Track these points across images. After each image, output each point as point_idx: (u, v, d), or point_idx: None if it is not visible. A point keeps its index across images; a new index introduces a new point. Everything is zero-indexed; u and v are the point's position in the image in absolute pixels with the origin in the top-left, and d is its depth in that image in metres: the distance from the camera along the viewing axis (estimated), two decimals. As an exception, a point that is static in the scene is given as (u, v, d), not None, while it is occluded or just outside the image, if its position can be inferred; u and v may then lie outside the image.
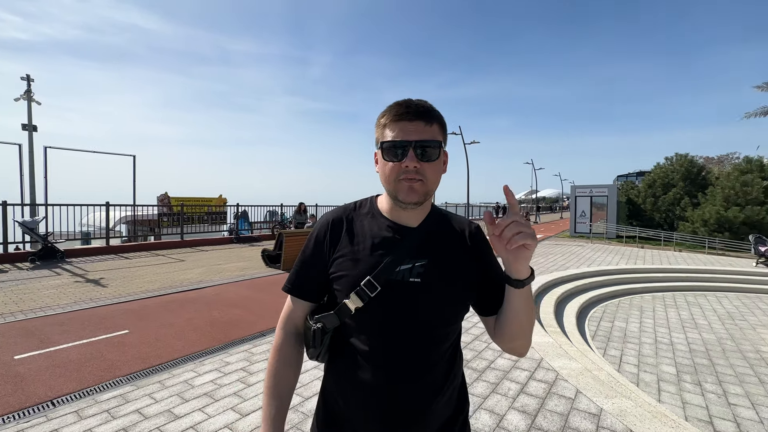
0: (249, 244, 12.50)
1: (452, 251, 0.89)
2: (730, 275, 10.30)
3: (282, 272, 8.11)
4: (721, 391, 4.09)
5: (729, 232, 16.36)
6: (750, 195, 16.45)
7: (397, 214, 0.89)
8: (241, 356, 3.71)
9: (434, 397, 0.84)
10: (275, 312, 5.19)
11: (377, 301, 0.82)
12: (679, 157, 21.92)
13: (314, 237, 0.92)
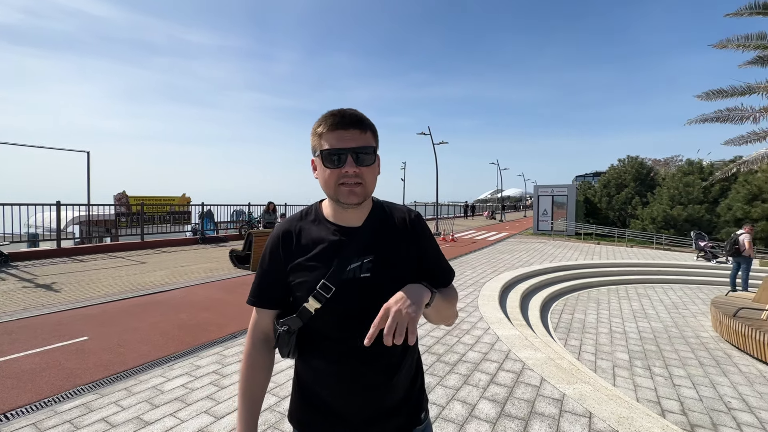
0: (215, 245, 12.09)
1: (396, 243, 0.97)
2: (674, 268, 11.21)
3: (251, 272, 7.93)
4: (667, 374, 4.48)
5: (674, 228, 17.77)
6: (691, 195, 17.94)
7: (340, 217, 0.96)
8: (213, 359, 3.63)
9: (393, 373, 0.94)
10: (246, 313, 5.08)
11: (334, 300, 0.89)
12: (630, 159, 23.49)
13: (268, 251, 0.98)
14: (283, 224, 1.00)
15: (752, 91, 5.90)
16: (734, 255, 8.48)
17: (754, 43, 5.47)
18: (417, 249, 0.99)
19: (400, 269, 0.94)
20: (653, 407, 3.67)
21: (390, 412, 0.95)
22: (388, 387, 0.94)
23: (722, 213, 16.78)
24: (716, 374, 4.52)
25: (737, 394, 4.02)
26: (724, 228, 16.12)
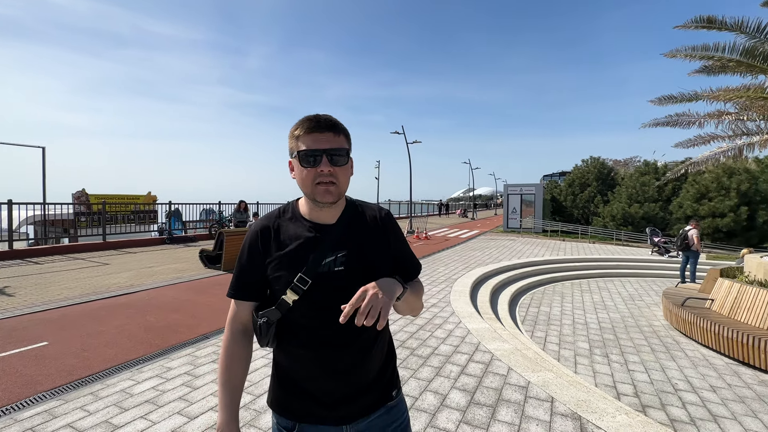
0: (184, 245, 11.71)
1: (367, 239, 1.04)
2: (631, 262, 11.95)
3: (223, 273, 7.77)
4: (623, 360, 4.81)
5: (632, 225, 18.87)
6: (647, 193, 19.12)
7: (316, 215, 1.03)
8: (185, 360, 3.56)
9: (366, 357, 1.02)
10: (218, 314, 5.02)
11: (310, 292, 0.96)
12: (593, 160, 24.70)
13: (247, 245, 1.04)
14: (261, 221, 1.06)
15: (698, 98, 6.41)
16: (684, 249, 9.15)
17: (699, 53, 5.96)
18: (387, 244, 1.07)
19: (371, 263, 1.01)
20: (610, 391, 3.94)
21: (362, 390, 1.02)
22: (362, 369, 1.02)
23: (674, 211, 18.00)
24: (666, 359, 4.90)
25: (683, 376, 4.39)
26: (675, 225, 17.31)
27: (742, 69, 5.81)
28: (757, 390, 4.11)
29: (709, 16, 5.77)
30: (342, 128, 1.00)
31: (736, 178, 15.90)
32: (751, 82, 5.87)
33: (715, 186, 16.15)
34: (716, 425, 3.35)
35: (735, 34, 5.78)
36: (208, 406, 2.76)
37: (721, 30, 5.87)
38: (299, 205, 1.06)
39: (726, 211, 15.51)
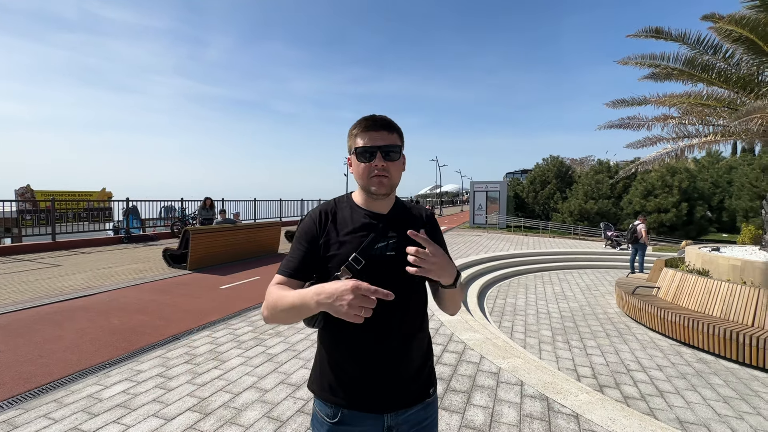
0: (143, 244, 11.13)
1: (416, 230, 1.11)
2: (588, 255, 12.76)
3: (189, 272, 7.50)
4: (582, 345, 5.18)
5: (587, 220, 20.09)
6: (601, 191, 20.41)
7: (370, 205, 1.11)
8: (155, 362, 3.44)
9: (410, 343, 1.07)
10: (187, 314, 4.86)
11: (363, 273, 1.01)
12: (552, 159, 25.97)
13: (305, 227, 1.10)
14: (319, 207, 1.14)
15: (647, 102, 6.96)
16: (633, 242, 9.91)
17: (648, 62, 6.48)
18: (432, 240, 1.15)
19: None
20: (571, 374, 4.25)
21: (406, 381, 1.06)
22: (405, 358, 1.06)
23: (625, 206, 19.35)
24: (619, 343, 5.33)
25: (634, 357, 4.80)
26: (626, 219, 18.63)
27: (684, 77, 6.38)
28: (696, 367, 4.59)
29: (657, 28, 6.28)
30: (395, 127, 1.08)
31: (677, 177, 17.35)
32: (692, 89, 6.47)
33: (660, 184, 17.54)
34: (662, 400, 3.71)
35: (679, 44, 6.33)
36: (185, 406, 2.71)
37: (667, 40, 6.41)
38: (354, 196, 1.15)
39: (669, 207, 16.90)
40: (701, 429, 3.24)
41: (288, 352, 3.75)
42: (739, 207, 16.69)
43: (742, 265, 5.48)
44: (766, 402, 3.76)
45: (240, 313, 5.01)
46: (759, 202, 15.55)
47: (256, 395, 2.88)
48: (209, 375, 3.21)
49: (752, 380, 4.25)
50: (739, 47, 5.45)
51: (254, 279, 7.16)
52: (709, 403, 3.68)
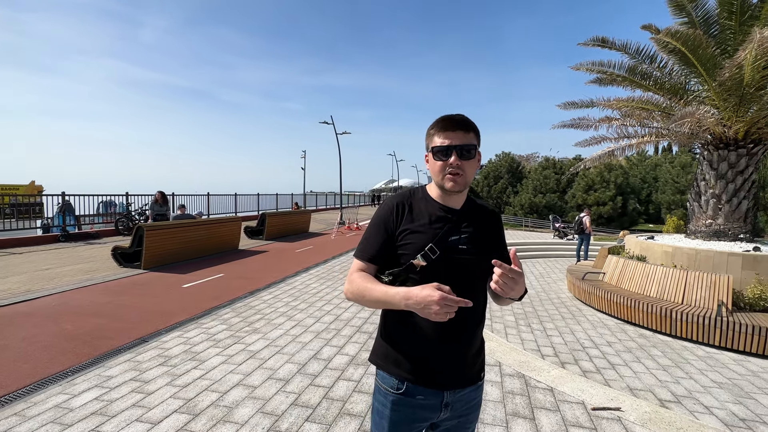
0: (84, 243, 10.18)
1: (485, 227, 1.20)
2: (539, 246, 13.70)
3: (144, 271, 7.02)
4: (542, 328, 5.62)
5: (536, 213, 21.49)
6: (548, 185, 21.90)
7: (445, 199, 1.17)
8: (126, 367, 3.24)
9: (473, 329, 1.15)
10: (151, 315, 4.59)
11: (438, 261, 1.08)
12: (504, 155, 27.37)
13: (382, 216, 1.16)
14: (395, 197, 1.19)
15: (594, 105, 7.63)
16: (579, 233, 10.82)
17: (596, 68, 7.10)
18: (498, 237, 1.23)
19: (486, 246, 1.16)
20: (536, 354, 4.61)
21: (466, 363, 1.14)
22: (468, 342, 1.14)
23: (569, 200, 20.96)
24: (573, 324, 5.85)
25: (587, 336, 5.30)
26: (570, 212, 20.19)
27: (626, 83, 7.07)
28: (638, 341, 5.17)
29: (603, 37, 6.89)
30: (472, 126, 1.13)
31: (614, 173, 19.11)
32: (632, 94, 7.19)
33: (599, 179, 19.21)
34: (614, 371, 4.16)
35: (621, 53, 7.00)
36: (171, 408, 2.60)
37: (612, 49, 7.05)
38: (429, 189, 1.20)
39: (607, 200, 18.60)
40: (647, 394, 3.68)
41: (270, 348, 3.70)
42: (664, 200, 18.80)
43: (672, 251, 6.24)
44: (695, 368, 4.35)
45: (210, 312, 4.82)
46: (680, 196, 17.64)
47: (245, 392, 2.84)
48: (190, 376, 3.09)
49: (683, 350, 4.89)
50: (673, 58, 6.16)
51: (218, 276, 6.88)
52: (651, 372, 4.18)
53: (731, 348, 4.86)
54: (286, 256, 9.36)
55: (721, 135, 6.21)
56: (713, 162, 6.41)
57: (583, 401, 2.75)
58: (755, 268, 5.44)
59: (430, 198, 1.18)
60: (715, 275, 5.43)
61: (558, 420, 2.53)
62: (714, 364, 4.48)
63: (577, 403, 2.73)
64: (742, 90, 5.57)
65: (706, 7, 6.22)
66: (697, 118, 5.48)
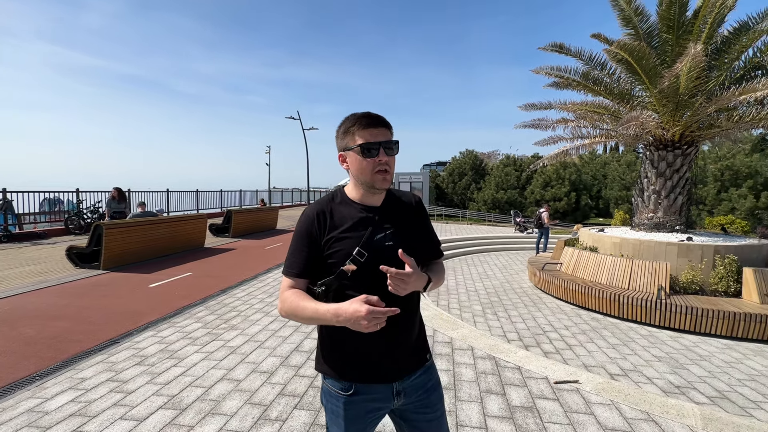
0: (31, 243, 9.44)
1: (407, 218, 1.24)
2: (501, 239, 14.39)
3: (104, 272, 6.68)
4: (507, 315, 6.01)
5: (499, 209, 22.44)
6: (509, 182, 22.92)
7: (366, 199, 1.19)
8: (100, 368, 3.16)
9: (411, 319, 1.21)
10: (117, 316, 4.44)
11: (368, 264, 1.09)
12: (468, 152, 28.22)
13: (305, 228, 1.16)
14: (314, 206, 1.18)
15: (552, 107, 8.17)
16: (538, 227, 11.51)
17: (554, 72, 7.61)
18: (422, 225, 1.28)
19: (412, 239, 1.21)
20: (502, 338, 4.95)
21: (408, 351, 1.20)
22: (408, 332, 1.19)
23: (528, 196, 22.08)
24: (534, 311, 6.30)
25: (547, 321, 5.75)
26: (530, 207, 21.28)
27: (579, 87, 7.64)
28: (592, 324, 5.69)
29: (560, 44, 7.41)
30: (389, 124, 1.16)
31: (568, 171, 20.38)
32: (585, 98, 7.78)
33: (555, 176, 20.40)
34: (571, 351, 4.58)
35: (576, 59, 7.55)
36: (156, 405, 2.60)
37: (568, 55, 7.59)
38: (348, 191, 1.21)
39: (562, 196, 19.81)
40: (600, 370, 4.11)
41: (250, 343, 3.73)
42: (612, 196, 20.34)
43: (620, 242, 6.87)
44: (639, 345, 4.88)
45: (182, 311, 4.73)
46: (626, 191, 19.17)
47: (231, 386, 2.88)
48: (171, 373, 3.07)
49: (629, 330, 5.45)
50: (621, 66, 6.76)
51: (186, 275, 6.69)
52: (603, 351, 4.65)
53: (669, 327, 5.48)
54: (256, 254, 9.23)
55: (660, 137, 6.90)
56: (654, 161, 7.11)
57: (546, 377, 3.06)
58: (688, 256, 6.14)
59: (349, 201, 1.19)
60: (656, 263, 6.07)
61: (526, 393, 2.81)
62: (654, 341, 5.05)
63: (541, 379, 3.03)
64: (678, 97, 6.23)
65: (649, 21, 6.86)
66: (641, 121, 6.07)
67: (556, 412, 2.58)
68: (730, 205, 15.54)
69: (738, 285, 5.76)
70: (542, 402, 2.70)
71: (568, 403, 2.70)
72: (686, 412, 2.57)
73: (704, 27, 6.26)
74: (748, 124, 5.96)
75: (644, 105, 6.90)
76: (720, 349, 4.81)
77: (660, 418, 2.52)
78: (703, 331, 5.27)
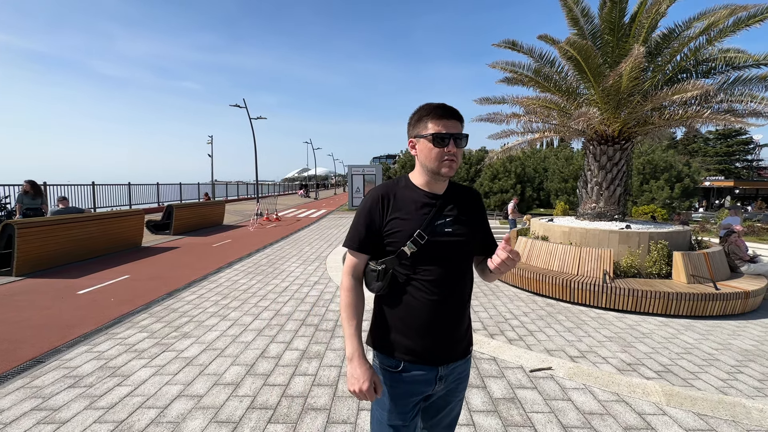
0: None
1: (467, 209, 1.27)
2: (454, 231, 14.80)
3: (18, 278, 5.74)
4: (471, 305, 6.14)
5: (449, 201, 23.09)
6: (460, 175, 23.63)
7: (429, 186, 1.23)
8: (21, 395, 2.64)
9: (462, 307, 1.25)
10: (42, 330, 3.80)
11: (427, 246, 1.16)
12: (419, 145, 28.64)
13: (369, 207, 1.22)
14: (379, 188, 1.23)
15: (505, 101, 8.44)
16: (505, 218, 12.04)
17: (509, 67, 7.85)
18: (480, 218, 1.30)
19: (470, 228, 1.23)
20: (468, 329, 5.03)
21: (457, 339, 1.24)
22: (459, 320, 1.23)
23: (478, 188, 22.94)
24: (495, 299, 6.51)
25: (507, 309, 5.96)
26: (478, 199, 22.11)
27: (531, 83, 7.96)
28: (547, 310, 5.99)
29: (513, 41, 7.64)
30: (462, 118, 1.20)
31: (514, 164, 21.47)
32: (536, 94, 8.13)
33: (502, 169, 21.40)
34: (533, 337, 4.76)
35: (528, 56, 7.83)
36: (90, 420, 2.21)
37: (520, 52, 7.84)
38: (412, 177, 1.25)
39: (509, 188, 20.85)
40: (561, 353, 4.31)
41: (208, 352, 3.36)
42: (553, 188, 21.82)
43: (569, 230, 7.31)
44: (591, 327, 5.22)
45: (122, 320, 4.17)
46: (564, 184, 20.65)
47: (190, 403, 2.55)
48: (115, 394, 2.66)
49: (580, 313, 5.82)
50: (569, 64, 7.12)
51: (123, 278, 5.97)
52: (561, 335, 4.90)
53: (613, 308, 5.94)
54: (203, 252, 8.53)
55: (602, 133, 7.42)
56: (597, 155, 7.64)
57: (521, 365, 3.11)
58: (627, 242, 6.69)
59: (414, 186, 1.24)
60: (601, 250, 6.54)
61: (505, 384, 2.82)
62: (603, 322, 5.43)
63: (517, 368, 3.07)
64: (619, 95, 6.71)
65: (593, 22, 7.29)
66: (588, 117, 6.45)
67: (537, 401, 2.62)
68: (651, 195, 17.40)
69: (669, 267, 6.40)
70: (522, 392, 2.73)
71: (545, 390, 2.75)
72: (650, 390, 2.73)
73: (641, 31, 6.79)
74: (677, 122, 6.60)
75: (589, 102, 7.36)
76: (658, 326, 5.29)
77: (629, 398, 2.65)
78: (643, 311, 5.78)
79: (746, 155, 43.09)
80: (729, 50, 6.91)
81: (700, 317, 5.74)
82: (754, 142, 42.06)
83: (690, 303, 5.63)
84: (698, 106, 6.68)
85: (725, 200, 36.25)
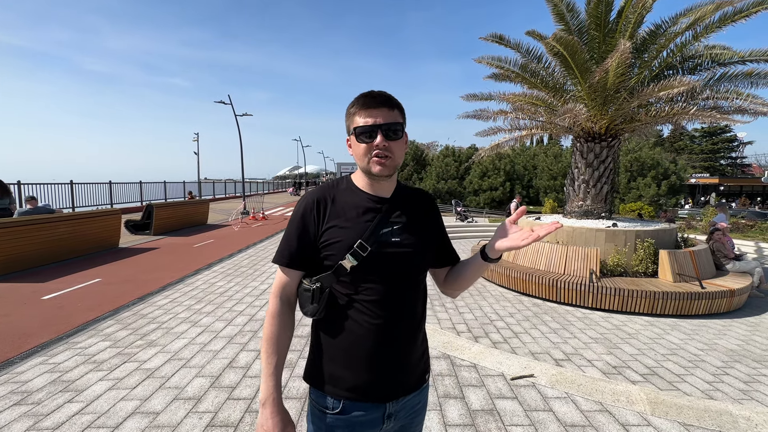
0: None
1: (419, 215, 1.09)
2: (444, 229, 14.69)
3: (-20, 284, 5.44)
4: (455, 306, 6.01)
5: (440, 198, 23.00)
6: (449, 172, 23.58)
7: (373, 188, 1.05)
8: (-41, 415, 2.42)
9: (418, 328, 1.07)
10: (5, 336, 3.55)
11: (370, 260, 0.97)
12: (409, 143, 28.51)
13: (301, 214, 1.02)
14: (315, 191, 1.05)
15: (492, 98, 8.32)
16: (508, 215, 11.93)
17: (495, 63, 7.72)
18: (435, 225, 1.13)
19: (421, 237, 1.05)
20: (451, 331, 4.89)
21: (408, 368, 1.05)
22: (409, 346, 1.04)
23: (467, 186, 22.92)
24: (480, 300, 6.39)
25: (493, 310, 5.84)
26: (468, 197, 22.10)
27: (518, 79, 7.86)
28: (534, 310, 5.90)
29: (500, 35, 7.50)
30: (396, 103, 1.01)
31: (503, 161, 21.47)
32: (524, 90, 8.03)
33: (491, 167, 21.39)
34: (518, 339, 4.65)
35: (515, 52, 7.72)
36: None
37: (507, 47, 7.72)
38: (354, 179, 1.07)
39: (498, 186, 20.85)
40: (545, 356, 4.20)
41: (173, 362, 3.16)
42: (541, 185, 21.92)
43: (555, 229, 7.23)
44: (577, 328, 5.13)
45: (86, 327, 3.94)
46: (553, 181, 20.74)
47: (144, 421, 2.35)
48: (63, 412, 2.45)
49: (567, 314, 5.73)
50: (556, 60, 7.02)
51: (94, 282, 5.70)
52: (546, 336, 4.80)
53: (600, 308, 5.86)
54: (183, 253, 8.27)
55: (590, 129, 7.34)
56: (584, 152, 7.56)
57: (502, 373, 2.97)
58: (614, 240, 6.63)
59: (355, 188, 1.07)
60: (587, 248, 6.46)
61: (484, 394, 2.68)
62: (589, 323, 5.35)
63: (498, 376, 2.94)
64: (606, 92, 6.63)
65: (579, 17, 7.19)
66: (574, 114, 6.36)
67: (517, 412, 2.48)
68: (638, 192, 17.54)
69: (655, 266, 6.35)
70: (501, 402, 2.59)
71: (526, 400, 2.62)
72: (634, 398, 2.62)
73: (627, 26, 6.71)
74: (663, 119, 6.54)
75: (576, 99, 7.27)
76: (644, 326, 5.23)
77: (612, 407, 2.53)
78: (629, 310, 5.71)
79: (731, 152, 43.95)
80: (715, 47, 6.88)
81: (686, 316, 5.69)
82: (739, 139, 42.93)
83: (676, 302, 5.57)
84: (684, 103, 6.64)
85: (710, 197, 36.90)
